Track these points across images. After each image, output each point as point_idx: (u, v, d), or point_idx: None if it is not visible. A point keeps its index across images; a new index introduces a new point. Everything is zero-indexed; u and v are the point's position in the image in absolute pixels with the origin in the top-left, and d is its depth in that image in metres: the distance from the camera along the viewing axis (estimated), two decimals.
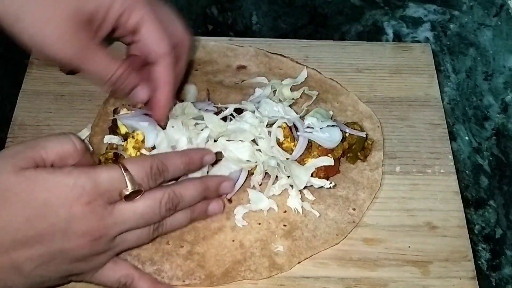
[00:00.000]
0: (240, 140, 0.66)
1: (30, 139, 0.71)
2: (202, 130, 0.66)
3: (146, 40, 0.58)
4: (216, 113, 0.69)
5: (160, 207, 0.54)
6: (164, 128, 0.66)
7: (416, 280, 0.63)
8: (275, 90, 0.74)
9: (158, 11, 0.59)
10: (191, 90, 0.75)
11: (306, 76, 0.77)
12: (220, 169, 0.66)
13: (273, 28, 0.91)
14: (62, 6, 0.52)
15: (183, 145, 0.65)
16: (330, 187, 0.67)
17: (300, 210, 0.66)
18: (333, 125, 0.68)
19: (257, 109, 0.69)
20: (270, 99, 0.71)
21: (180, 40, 0.62)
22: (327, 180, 0.67)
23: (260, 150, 0.66)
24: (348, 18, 0.91)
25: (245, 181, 0.67)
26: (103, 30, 0.56)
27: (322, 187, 0.67)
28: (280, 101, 0.72)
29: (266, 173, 0.67)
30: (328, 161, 0.66)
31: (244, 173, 0.66)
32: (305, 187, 0.67)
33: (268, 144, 0.66)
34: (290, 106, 0.72)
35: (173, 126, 0.66)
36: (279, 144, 0.67)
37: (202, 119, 0.67)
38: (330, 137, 0.67)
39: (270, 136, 0.66)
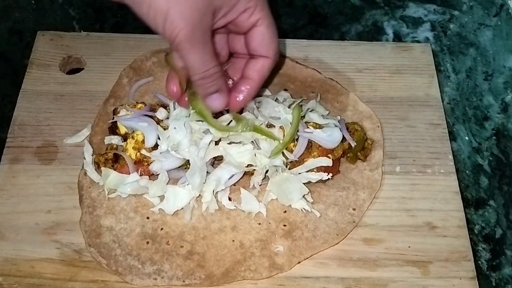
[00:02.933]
0: (241, 142, 0.66)
1: (30, 139, 0.72)
2: (203, 132, 0.66)
3: (258, 38, 0.59)
4: (216, 114, 0.69)
5: None
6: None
7: (416, 280, 0.63)
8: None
9: (271, 16, 0.60)
10: None
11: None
12: (221, 172, 0.66)
13: None
14: None
15: (184, 147, 0.65)
16: (328, 179, 0.67)
17: (309, 209, 0.66)
18: (334, 125, 0.68)
19: (257, 109, 0.69)
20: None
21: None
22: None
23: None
24: (348, 18, 0.91)
25: (241, 178, 0.67)
26: (224, 19, 0.57)
27: (322, 183, 0.67)
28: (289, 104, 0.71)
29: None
30: (326, 161, 0.66)
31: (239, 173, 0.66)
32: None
33: (269, 146, 0.66)
34: (289, 106, 0.72)
35: (175, 128, 0.66)
36: None
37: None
38: (330, 137, 0.67)
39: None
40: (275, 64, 0.62)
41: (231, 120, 0.67)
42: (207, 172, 0.66)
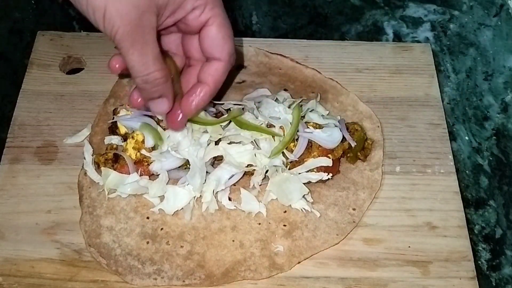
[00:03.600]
0: (241, 142, 0.66)
1: (30, 139, 0.72)
2: (203, 132, 0.66)
3: (209, 39, 0.57)
4: (216, 114, 0.69)
5: None
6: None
7: (416, 280, 0.63)
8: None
9: (225, 16, 0.58)
10: None
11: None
12: (221, 172, 0.66)
13: (273, 28, 0.91)
14: None
15: (184, 147, 0.65)
16: (328, 179, 0.67)
17: (309, 209, 0.66)
18: (334, 125, 0.68)
19: (257, 109, 0.69)
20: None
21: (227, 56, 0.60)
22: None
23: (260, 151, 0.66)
24: (348, 18, 0.91)
25: (241, 178, 0.67)
26: (171, 18, 0.55)
27: (322, 183, 0.67)
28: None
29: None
30: (326, 161, 0.66)
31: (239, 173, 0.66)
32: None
33: (269, 145, 0.66)
34: (289, 106, 0.72)
35: None
36: None
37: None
38: (330, 137, 0.67)
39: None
40: (230, 67, 0.59)
41: (230, 122, 0.67)
42: (207, 172, 0.66)
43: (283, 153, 0.66)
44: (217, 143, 0.67)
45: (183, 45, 0.62)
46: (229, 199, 0.67)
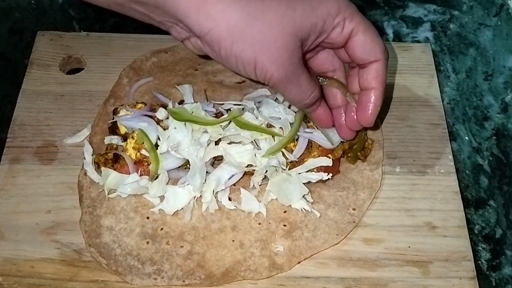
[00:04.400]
0: (241, 142, 0.66)
1: (30, 139, 0.72)
2: (204, 132, 0.66)
3: (359, 48, 0.57)
4: (216, 114, 0.69)
5: None
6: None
7: (416, 280, 0.63)
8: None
9: (365, 18, 0.58)
10: (186, 89, 0.75)
11: None
12: (221, 172, 0.66)
13: None
14: (282, 27, 0.52)
15: (184, 146, 0.65)
16: (328, 179, 0.67)
17: (309, 209, 0.66)
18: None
19: (257, 109, 0.69)
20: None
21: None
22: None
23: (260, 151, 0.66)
24: None
25: (241, 178, 0.67)
26: (315, 42, 0.56)
27: (322, 183, 0.67)
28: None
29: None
30: (326, 161, 0.66)
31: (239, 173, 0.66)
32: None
33: (269, 145, 0.66)
34: (290, 106, 0.72)
35: (175, 128, 0.66)
36: None
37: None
38: (330, 137, 0.67)
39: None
40: (387, 62, 0.59)
41: (230, 122, 0.67)
42: (207, 172, 0.66)
43: (282, 153, 0.66)
44: (217, 143, 0.67)
45: (338, 56, 0.63)
46: (229, 199, 0.67)
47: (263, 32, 0.51)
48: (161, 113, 0.68)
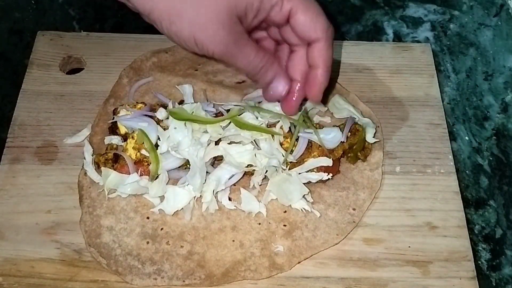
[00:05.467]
0: (241, 142, 0.66)
1: (30, 139, 0.72)
2: (204, 132, 0.66)
3: (301, 24, 0.59)
4: (216, 114, 0.69)
5: None
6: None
7: (416, 280, 0.63)
8: None
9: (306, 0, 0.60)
10: (186, 89, 0.75)
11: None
12: (221, 172, 0.66)
13: None
14: (216, 5, 0.54)
15: (185, 146, 0.65)
16: (328, 179, 0.67)
17: (309, 209, 0.66)
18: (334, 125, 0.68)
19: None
20: None
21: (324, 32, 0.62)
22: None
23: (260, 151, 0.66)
24: (348, 18, 0.91)
25: (241, 178, 0.67)
26: (255, 20, 0.58)
27: (322, 183, 0.67)
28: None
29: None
30: (326, 161, 0.66)
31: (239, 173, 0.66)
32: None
33: (269, 146, 0.66)
34: None
35: (175, 128, 0.66)
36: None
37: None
38: (330, 137, 0.67)
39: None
40: (332, 40, 0.61)
41: (229, 123, 0.67)
42: (207, 172, 0.66)
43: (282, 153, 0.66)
44: (217, 143, 0.67)
45: (281, 34, 0.63)
46: (229, 199, 0.67)
47: (199, 12, 0.53)
48: (161, 113, 0.68)
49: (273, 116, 0.68)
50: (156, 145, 0.66)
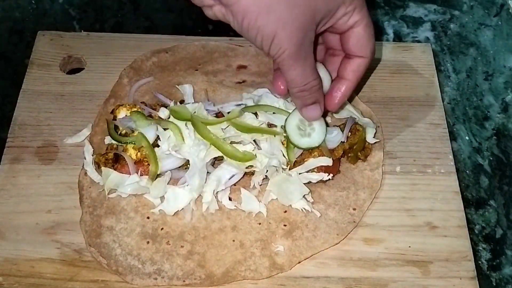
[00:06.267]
0: (241, 142, 0.66)
1: (30, 139, 0.72)
2: None
3: (355, 39, 0.59)
4: (217, 114, 0.69)
5: None
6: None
7: (416, 280, 0.63)
8: None
9: (369, 16, 0.60)
10: (186, 89, 0.75)
11: None
12: (221, 172, 0.66)
13: None
14: (306, 6, 0.54)
15: (187, 147, 0.65)
16: (328, 179, 0.67)
17: (309, 209, 0.66)
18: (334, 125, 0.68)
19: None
20: None
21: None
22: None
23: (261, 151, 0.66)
24: None
25: (241, 178, 0.67)
26: (324, 26, 0.58)
27: (322, 183, 0.67)
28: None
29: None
30: (326, 161, 0.66)
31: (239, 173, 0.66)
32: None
33: (269, 145, 0.66)
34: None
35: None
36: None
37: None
38: (331, 137, 0.67)
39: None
40: (370, 63, 0.62)
41: (228, 126, 0.67)
42: (208, 172, 0.66)
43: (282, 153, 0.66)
44: None
45: (324, 37, 0.64)
46: (230, 199, 0.67)
47: (288, 10, 0.53)
48: (163, 112, 0.68)
49: (277, 111, 0.68)
50: (157, 145, 0.66)
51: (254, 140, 0.67)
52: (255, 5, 0.52)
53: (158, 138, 0.67)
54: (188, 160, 0.66)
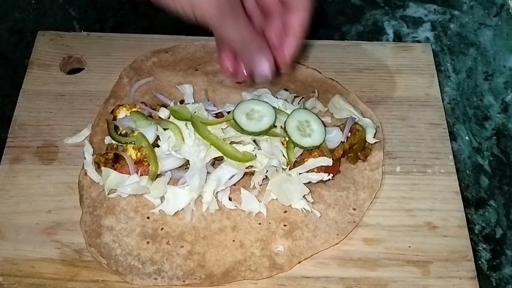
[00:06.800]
0: (241, 142, 0.66)
1: (30, 139, 0.72)
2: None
3: None
4: (217, 115, 0.69)
5: None
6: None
7: (416, 280, 0.63)
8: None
9: None
10: (186, 89, 0.75)
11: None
12: (222, 172, 0.66)
13: None
14: None
15: (187, 147, 0.65)
16: (328, 179, 0.67)
17: (309, 209, 0.66)
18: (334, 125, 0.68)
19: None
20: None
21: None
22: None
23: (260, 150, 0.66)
24: (348, 18, 0.91)
25: (241, 178, 0.67)
26: None
27: (322, 183, 0.67)
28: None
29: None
30: (326, 161, 0.66)
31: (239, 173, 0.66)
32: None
33: (269, 145, 0.66)
34: (293, 101, 0.72)
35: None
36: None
37: None
38: (331, 137, 0.67)
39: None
40: (312, 14, 0.62)
41: (227, 126, 0.67)
42: (208, 172, 0.66)
43: (282, 153, 0.66)
44: None
45: (259, 2, 0.64)
46: (230, 199, 0.67)
47: None
48: (163, 113, 0.68)
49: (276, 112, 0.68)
50: (157, 145, 0.66)
51: (254, 140, 0.67)
52: None
53: (158, 138, 0.67)
54: (188, 160, 0.66)
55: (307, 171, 0.66)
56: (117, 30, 0.86)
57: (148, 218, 0.66)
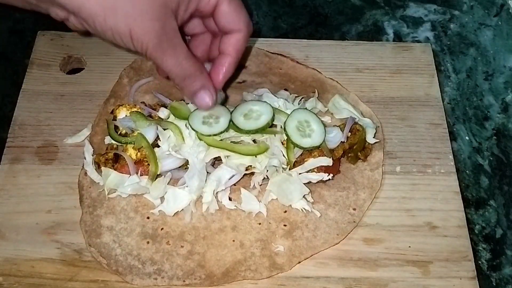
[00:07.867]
0: (241, 142, 0.66)
1: (30, 139, 0.72)
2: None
3: (224, 16, 0.61)
4: None
5: None
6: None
7: (416, 280, 0.63)
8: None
9: None
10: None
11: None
12: (221, 172, 0.66)
13: (273, 28, 0.91)
14: (148, 1, 0.54)
15: (187, 147, 0.65)
16: (328, 179, 0.67)
17: (309, 209, 0.66)
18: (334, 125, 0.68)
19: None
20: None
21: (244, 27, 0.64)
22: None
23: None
24: (348, 18, 0.91)
25: (242, 178, 0.67)
26: (187, 12, 0.59)
27: (322, 183, 0.67)
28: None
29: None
30: (326, 161, 0.66)
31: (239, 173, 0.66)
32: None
33: (269, 145, 0.66)
34: (293, 101, 0.72)
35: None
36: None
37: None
38: (331, 137, 0.67)
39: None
40: (249, 35, 0.63)
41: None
42: (208, 172, 0.66)
43: (282, 153, 0.66)
44: None
45: (204, 25, 0.66)
46: (230, 199, 0.67)
47: (134, 5, 0.53)
48: (163, 113, 0.68)
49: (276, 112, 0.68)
50: (157, 145, 0.66)
51: (254, 141, 0.67)
52: (99, 6, 0.53)
53: (158, 138, 0.67)
54: (188, 160, 0.66)
55: (307, 171, 0.66)
56: None
57: (148, 218, 0.66)
